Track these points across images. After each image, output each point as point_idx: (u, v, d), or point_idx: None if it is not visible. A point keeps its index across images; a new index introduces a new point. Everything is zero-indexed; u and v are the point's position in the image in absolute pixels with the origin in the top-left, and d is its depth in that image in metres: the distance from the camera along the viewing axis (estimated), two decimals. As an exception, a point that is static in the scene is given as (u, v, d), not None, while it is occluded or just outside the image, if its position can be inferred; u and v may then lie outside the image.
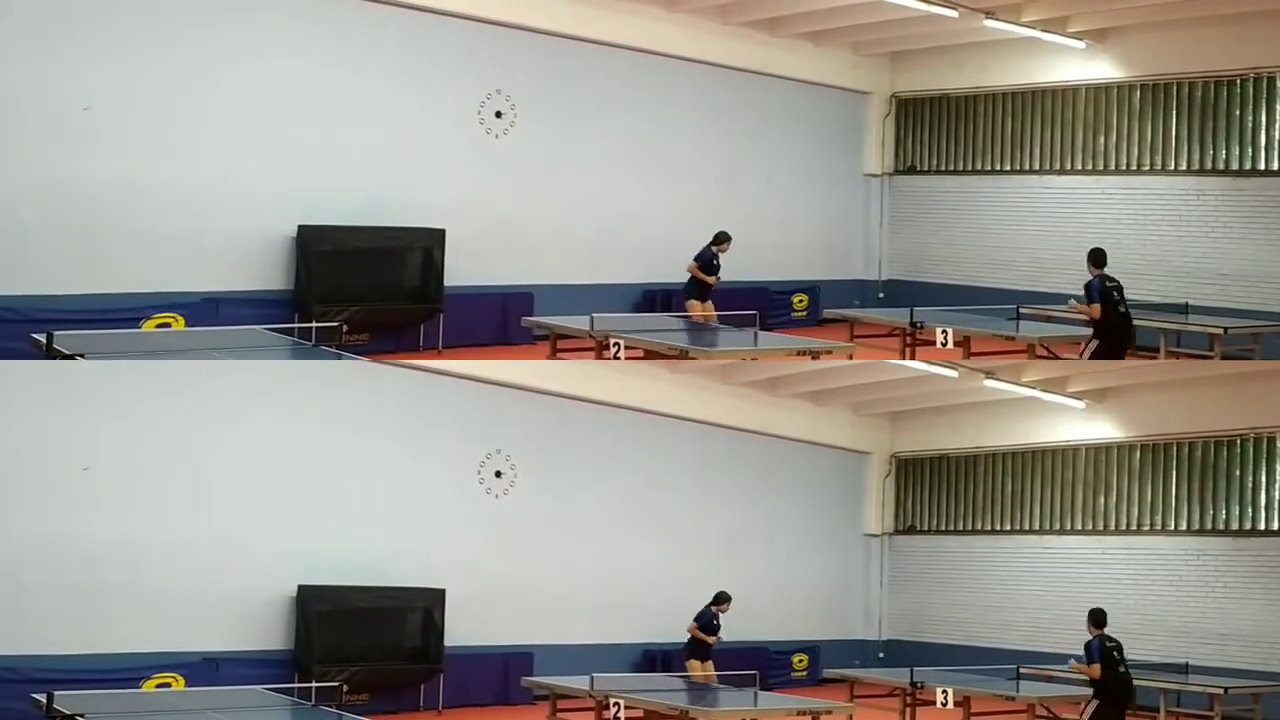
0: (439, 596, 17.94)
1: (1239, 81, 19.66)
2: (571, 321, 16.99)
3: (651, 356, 16.26)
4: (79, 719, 12.77)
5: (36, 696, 13.41)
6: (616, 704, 15.45)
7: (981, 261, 22.17)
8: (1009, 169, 22.16)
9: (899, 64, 23.21)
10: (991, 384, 18.99)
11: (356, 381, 17.77)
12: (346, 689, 16.65)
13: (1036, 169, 21.82)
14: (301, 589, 17.36)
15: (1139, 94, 20.69)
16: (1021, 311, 17.46)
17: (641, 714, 15.51)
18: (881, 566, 22.76)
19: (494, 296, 19.31)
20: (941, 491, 22.49)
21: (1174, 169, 20.24)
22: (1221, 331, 17.47)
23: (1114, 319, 15.83)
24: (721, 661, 17.96)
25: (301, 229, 17.87)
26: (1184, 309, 18.54)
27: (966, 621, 21.76)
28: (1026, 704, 16.67)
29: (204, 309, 17.05)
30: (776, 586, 21.49)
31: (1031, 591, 21.09)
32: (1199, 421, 19.38)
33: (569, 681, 16.66)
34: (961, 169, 22.75)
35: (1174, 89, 20.33)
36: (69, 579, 16.05)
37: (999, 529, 21.72)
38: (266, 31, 17.64)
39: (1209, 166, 19.91)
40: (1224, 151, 19.79)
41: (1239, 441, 19.22)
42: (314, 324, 15.64)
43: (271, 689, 15.48)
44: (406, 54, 18.72)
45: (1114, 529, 20.33)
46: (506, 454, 19.09)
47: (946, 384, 19.27)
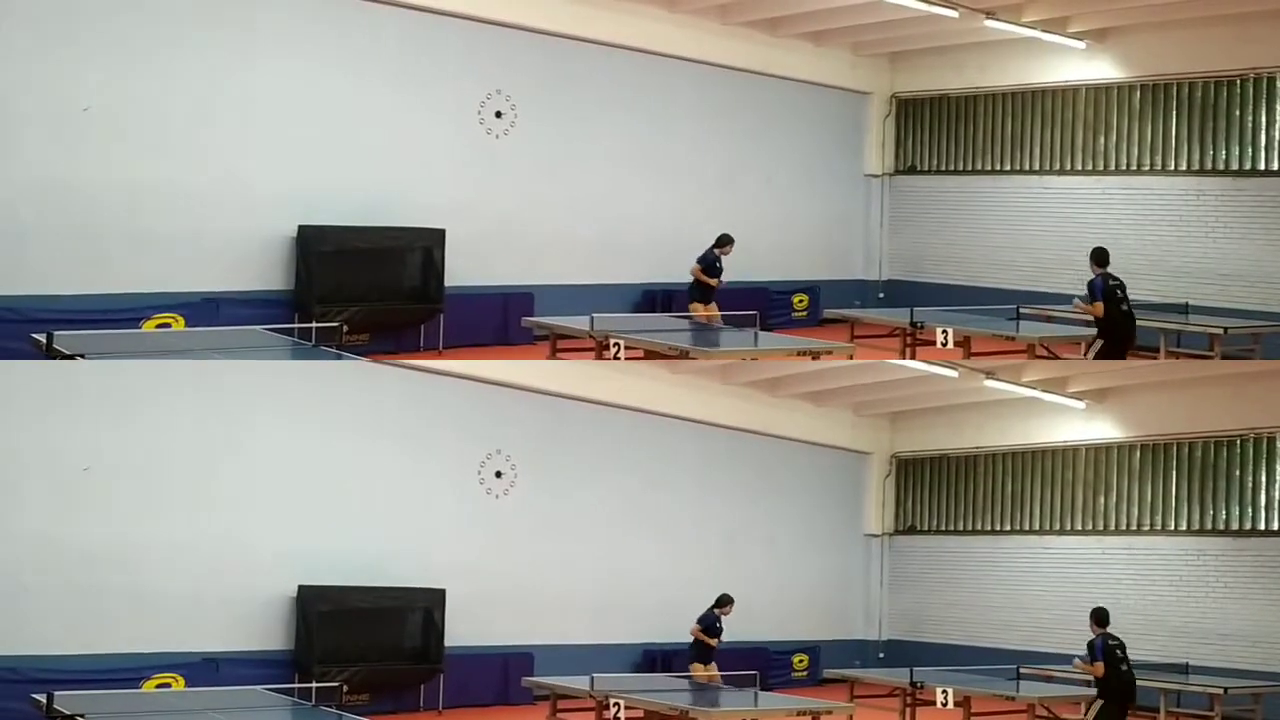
0: (439, 596, 17.93)
1: (1239, 82, 19.66)
2: (572, 322, 16.97)
3: (651, 357, 16.24)
4: (79, 719, 12.76)
5: (36, 697, 13.39)
6: (617, 704, 15.43)
7: (982, 262, 22.16)
8: (1009, 169, 22.15)
9: (899, 64, 23.20)
10: (992, 384, 18.99)
11: (357, 382, 17.76)
12: (347, 689, 16.64)
13: (1036, 169, 21.81)
14: (302, 589, 17.36)
15: (1139, 94, 20.69)
16: (1021, 312, 17.43)
17: (642, 714, 15.49)
18: (882, 567, 22.75)
19: (494, 297, 19.30)
20: (942, 492, 22.48)
21: (1174, 169, 20.24)
22: (1221, 332, 17.47)
23: (1117, 317, 15.86)
24: (722, 662, 17.93)
25: (302, 229, 17.87)
26: (1184, 309, 18.54)
27: (966, 622, 21.75)
28: (1026, 704, 16.65)
29: (204, 309, 17.03)
30: (776, 587, 21.48)
31: (1031, 592, 21.08)
32: (1199, 422, 19.37)
33: (569, 682, 16.65)
34: (962, 169, 22.74)
35: (1174, 89, 20.32)
36: (69, 579, 16.04)
37: (999, 529, 21.72)
38: (267, 32, 17.63)
39: (1209, 167, 19.90)
40: (1224, 152, 19.78)
41: (1239, 442, 19.22)
42: (314, 324, 15.63)
43: (271, 689, 15.46)
44: (406, 54, 18.71)
45: (1114, 529, 20.32)
46: (507, 454, 19.09)
47: (947, 384, 19.27)
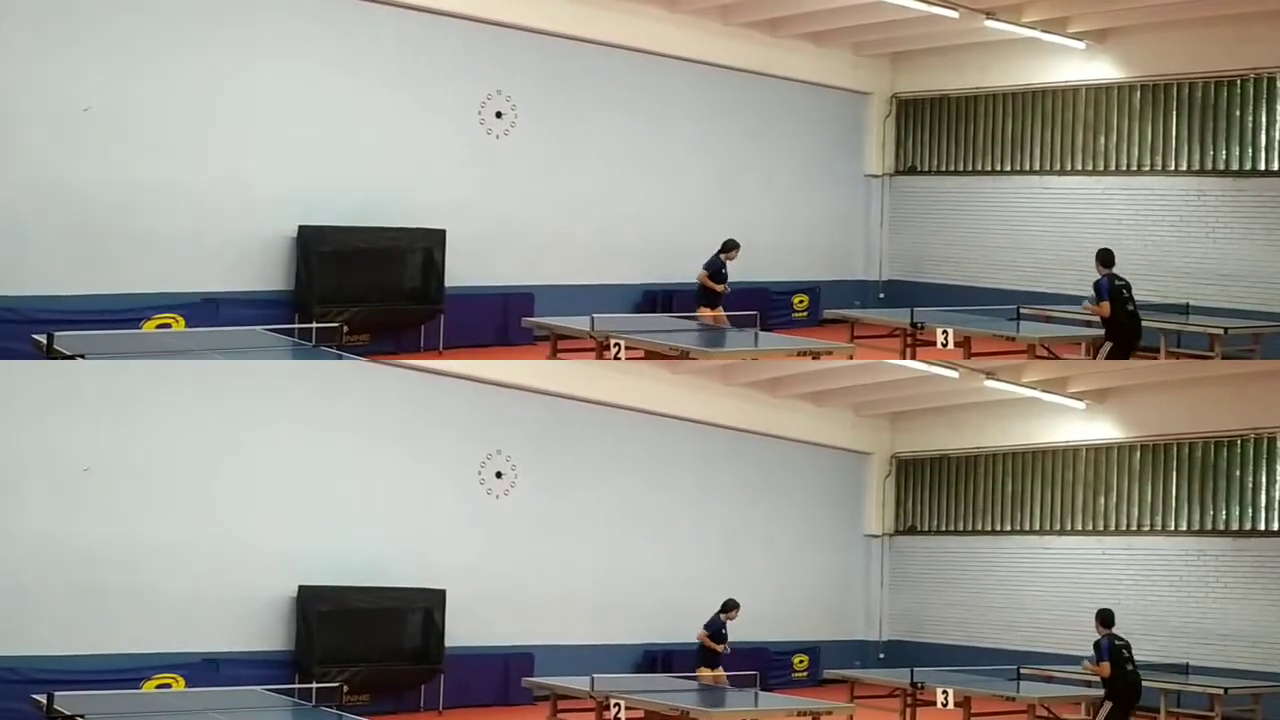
0: (439, 597, 17.93)
1: (1239, 82, 19.65)
2: (572, 322, 16.95)
3: (652, 357, 16.24)
4: (79, 719, 12.76)
5: (37, 697, 13.38)
6: (617, 704, 15.42)
7: (982, 262, 22.16)
8: (1009, 169, 22.15)
9: (899, 64, 23.20)
10: (992, 384, 18.99)
11: (357, 382, 17.75)
12: (347, 690, 16.63)
13: (1037, 169, 21.81)
14: (302, 589, 17.35)
15: (1139, 94, 20.68)
16: (1022, 312, 17.44)
17: (642, 714, 15.47)
18: (882, 567, 22.75)
19: (494, 297, 19.30)
20: (942, 492, 22.48)
21: (1174, 169, 20.23)
22: (1222, 332, 17.46)
23: (1123, 318, 15.92)
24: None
25: (302, 229, 17.86)
26: (1184, 309, 18.54)
27: (967, 622, 21.75)
28: (1027, 704, 16.64)
29: (204, 309, 17.03)
30: (777, 587, 21.47)
31: (1032, 592, 21.08)
32: (1199, 422, 19.37)
33: (569, 682, 16.63)
34: (962, 169, 22.74)
35: (1174, 89, 20.32)
36: (69, 579, 16.03)
37: (999, 529, 21.71)
38: (266, 32, 17.63)
39: (1209, 167, 19.90)
40: (1224, 152, 19.78)
41: (1239, 442, 19.22)
42: (314, 325, 15.62)
43: (272, 690, 15.46)
44: (406, 54, 18.71)
45: (1114, 529, 20.32)
46: (507, 454, 19.08)
47: (947, 384, 19.27)
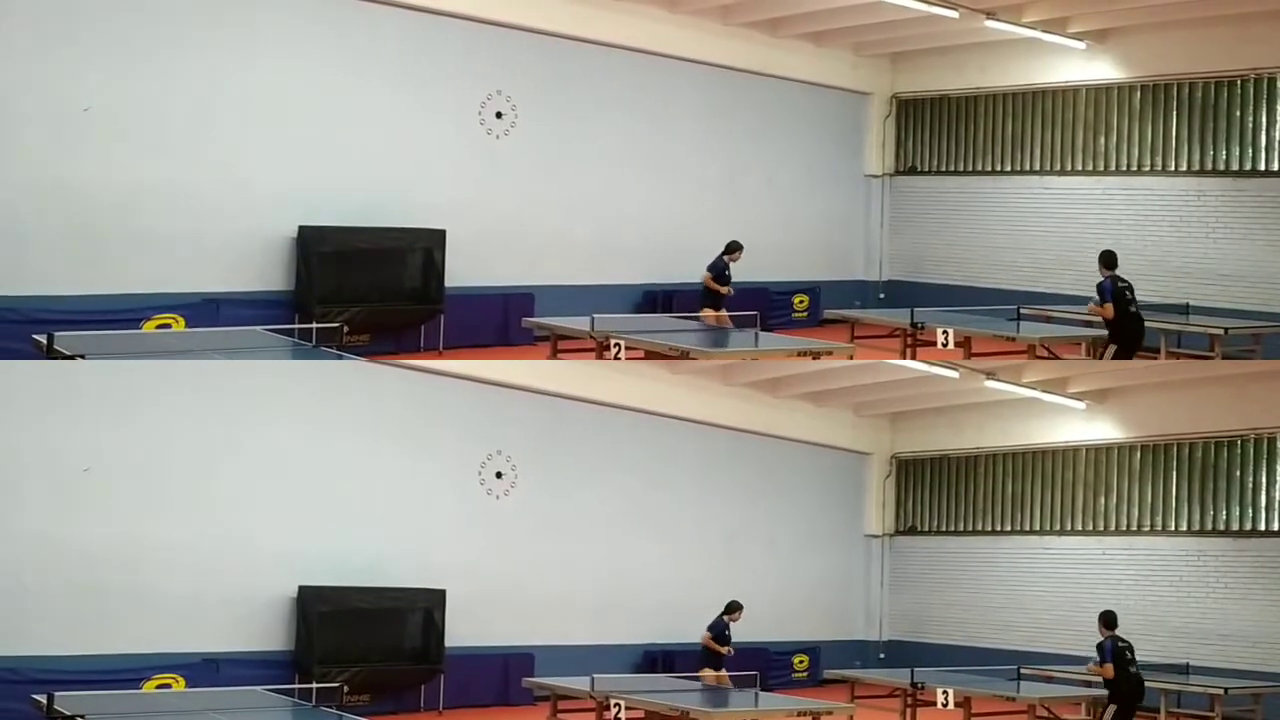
0: (439, 597, 17.92)
1: (1239, 82, 19.65)
2: (572, 322, 16.95)
3: (652, 357, 16.24)
4: (79, 719, 12.75)
5: (37, 697, 13.37)
6: (617, 705, 15.41)
7: (982, 262, 22.16)
8: (1009, 170, 22.15)
9: (900, 65, 23.20)
10: (992, 385, 18.99)
11: (357, 382, 17.75)
12: (347, 690, 16.63)
13: (1037, 170, 21.81)
14: (302, 589, 17.35)
15: (1139, 95, 20.68)
16: (1022, 312, 17.42)
17: (642, 715, 15.47)
18: (882, 567, 22.75)
19: (494, 297, 19.29)
20: (942, 492, 22.48)
21: (1174, 169, 20.23)
22: (1222, 332, 17.46)
23: (1126, 320, 15.96)
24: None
25: (302, 229, 17.86)
26: (1185, 309, 18.53)
27: (967, 622, 21.75)
28: (1027, 705, 16.63)
29: (204, 310, 17.02)
30: (777, 587, 21.46)
31: (1032, 592, 21.08)
32: (1200, 422, 19.37)
33: (570, 682, 16.63)
34: (962, 170, 22.74)
35: (1174, 89, 20.32)
36: (69, 579, 16.02)
37: (999, 530, 21.71)
38: (267, 32, 17.63)
39: (1209, 167, 19.90)
40: (1224, 152, 19.78)
41: (1239, 442, 19.21)
42: (314, 325, 15.62)
43: (272, 690, 15.46)
44: (407, 54, 18.71)
45: (1114, 530, 20.32)
46: (507, 454, 19.08)
47: (947, 385, 19.27)
